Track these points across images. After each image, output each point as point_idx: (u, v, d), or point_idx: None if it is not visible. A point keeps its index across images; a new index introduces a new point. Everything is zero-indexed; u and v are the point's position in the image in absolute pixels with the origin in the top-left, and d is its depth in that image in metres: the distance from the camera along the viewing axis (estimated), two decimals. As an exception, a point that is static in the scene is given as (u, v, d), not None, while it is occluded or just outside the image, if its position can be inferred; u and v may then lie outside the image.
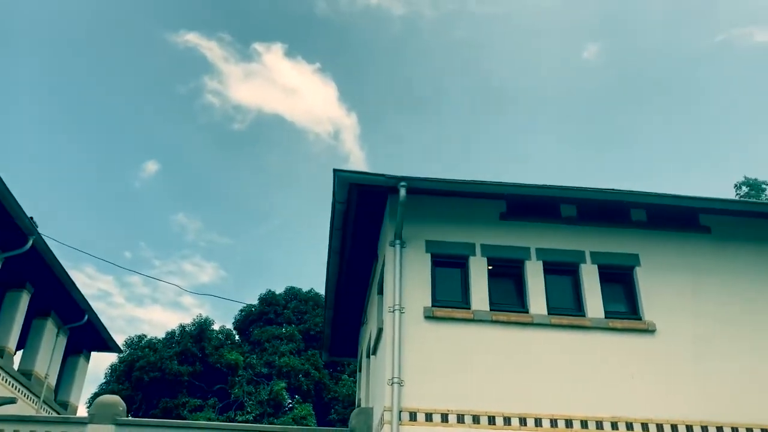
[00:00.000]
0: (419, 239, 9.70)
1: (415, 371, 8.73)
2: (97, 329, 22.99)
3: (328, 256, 11.87)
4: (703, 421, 8.73)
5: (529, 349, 9.05)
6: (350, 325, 15.21)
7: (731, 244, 10.17)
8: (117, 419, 10.51)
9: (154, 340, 31.42)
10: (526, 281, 9.62)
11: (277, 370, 29.64)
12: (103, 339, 23.97)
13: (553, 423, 8.54)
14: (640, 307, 9.55)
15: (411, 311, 9.14)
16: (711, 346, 9.28)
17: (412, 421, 8.42)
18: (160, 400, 28.55)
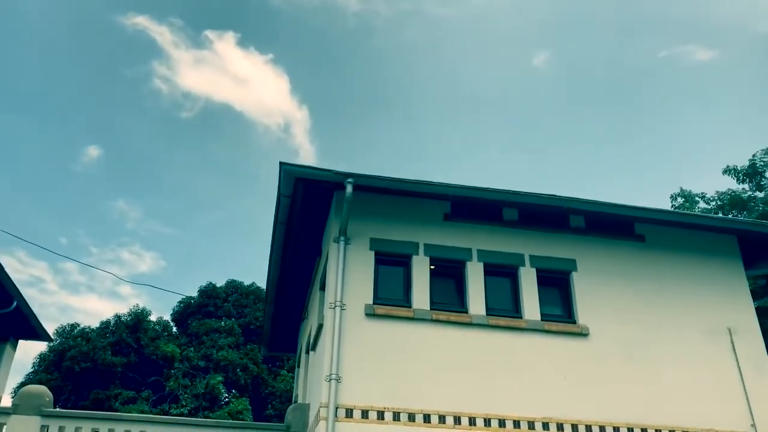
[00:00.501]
0: (364, 236, 9.71)
1: (354, 368, 8.74)
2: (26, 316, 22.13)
3: (270, 250, 11.76)
4: (630, 423, 9.04)
5: (467, 348, 9.18)
6: (291, 320, 15.12)
7: (663, 253, 10.57)
8: (42, 410, 10.14)
9: (87, 330, 30.47)
10: (466, 282, 9.75)
11: (214, 364, 29.19)
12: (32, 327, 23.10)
13: (486, 422, 8.69)
14: (575, 310, 9.82)
15: (352, 308, 9.15)
16: (639, 350, 9.63)
17: (348, 417, 8.42)
18: (91, 391, 27.71)
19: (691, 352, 9.80)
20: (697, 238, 10.83)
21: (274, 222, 10.74)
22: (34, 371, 29.22)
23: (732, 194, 24.33)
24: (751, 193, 24.61)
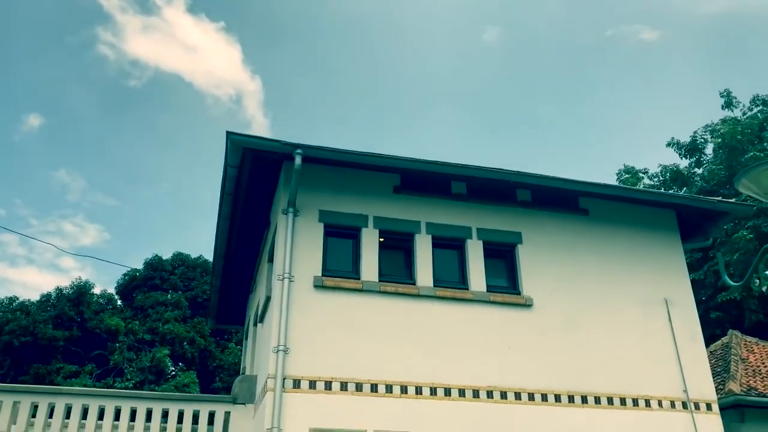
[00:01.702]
0: (313, 208, 9.66)
1: (302, 339, 8.74)
2: (-40, 289, 21.34)
3: (217, 222, 11.58)
4: (570, 391, 9.36)
5: (414, 320, 9.28)
6: (239, 293, 14.98)
7: (606, 227, 10.87)
8: (-21, 384, 9.84)
9: (27, 303, 29.59)
10: (415, 254, 9.83)
11: (160, 337, 28.80)
12: (-32, 300, 22.33)
13: (432, 391, 8.85)
14: (520, 282, 10.03)
15: (300, 280, 9.12)
16: (580, 320, 9.93)
17: (296, 388, 8.45)
18: (32, 366, 27.00)
19: (629, 322, 10.16)
20: (638, 213, 11.17)
21: (220, 193, 10.55)
22: (-30, 346, 28.23)
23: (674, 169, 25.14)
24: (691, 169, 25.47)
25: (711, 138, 24.41)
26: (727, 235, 21.07)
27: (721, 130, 23.30)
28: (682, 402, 9.76)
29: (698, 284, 20.61)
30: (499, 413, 8.93)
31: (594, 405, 9.36)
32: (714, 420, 9.82)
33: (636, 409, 9.51)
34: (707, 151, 25.13)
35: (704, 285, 21.53)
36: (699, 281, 21.01)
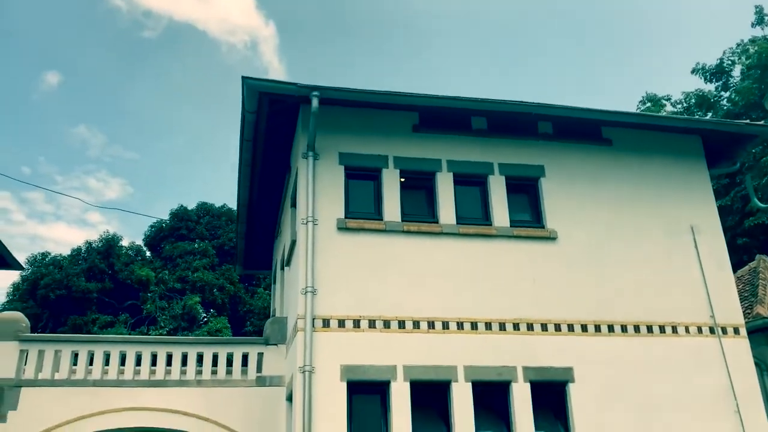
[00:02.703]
0: (332, 151, 9.62)
1: (328, 280, 8.86)
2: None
3: (239, 169, 11.62)
4: (596, 320, 9.43)
5: (438, 257, 9.34)
6: (264, 238, 15.16)
7: (630, 156, 10.70)
8: (20, 335, 10.21)
9: (59, 258, 30.28)
10: (436, 192, 9.80)
11: (190, 285, 29.42)
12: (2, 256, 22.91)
13: (459, 325, 8.98)
14: (544, 215, 9.99)
15: (324, 223, 9.18)
16: (607, 251, 9.91)
17: (325, 327, 8.62)
18: (68, 317, 27.86)
19: (655, 250, 10.12)
20: (663, 140, 10.96)
21: (240, 140, 10.55)
22: (8, 300, 29.18)
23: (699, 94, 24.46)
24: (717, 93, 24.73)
25: (740, 59, 23.59)
26: (755, 159, 20.66)
27: (753, 48, 22.44)
28: (709, 327, 9.80)
29: (725, 210, 20.37)
30: (526, 344, 9.05)
31: (621, 333, 9.44)
32: (742, 344, 9.86)
33: (663, 336, 9.58)
34: (734, 73, 24.36)
35: (731, 211, 21.27)
36: (726, 207, 20.76)
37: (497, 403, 8.87)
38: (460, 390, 8.62)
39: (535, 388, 8.90)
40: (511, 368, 8.88)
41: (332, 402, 8.21)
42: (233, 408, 10.17)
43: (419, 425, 8.42)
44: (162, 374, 10.38)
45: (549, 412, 9.00)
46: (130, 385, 10.13)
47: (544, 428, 8.79)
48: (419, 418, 8.46)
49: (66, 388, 9.99)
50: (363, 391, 8.53)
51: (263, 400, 10.29)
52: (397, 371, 8.54)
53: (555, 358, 9.07)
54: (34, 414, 9.71)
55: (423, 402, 8.60)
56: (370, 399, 8.56)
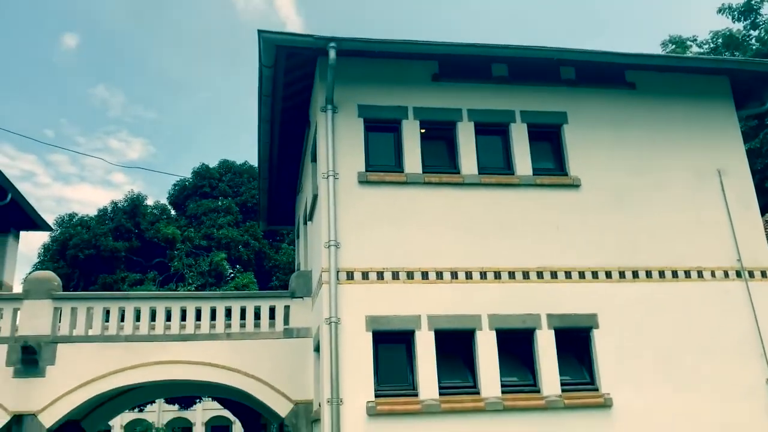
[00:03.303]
0: (351, 103, 9.55)
1: (351, 234, 8.91)
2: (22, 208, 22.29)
3: (258, 125, 11.61)
4: (622, 267, 9.40)
5: (460, 208, 9.32)
6: (286, 194, 15.25)
7: (654, 99, 10.47)
8: (53, 293, 10.48)
9: (86, 218, 30.72)
10: (457, 143, 9.72)
11: (216, 242, 29.74)
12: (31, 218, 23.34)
13: (482, 275, 9.01)
14: (567, 163, 9.88)
15: (345, 176, 9.18)
16: (632, 196, 9.80)
17: (350, 280, 8.71)
18: (98, 276, 28.44)
19: (680, 195, 9.98)
20: (689, 82, 10.69)
21: (258, 96, 10.51)
22: (40, 261, 29.82)
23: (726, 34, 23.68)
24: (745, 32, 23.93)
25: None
26: (784, 100, 20.06)
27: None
28: (736, 271, 9.71)
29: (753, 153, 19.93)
30: (550, 292, 9.08)
31: (646, 279, 9.41)
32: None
33: (689, 281, 9.52)
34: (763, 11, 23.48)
35: (760, 153, 20.80)
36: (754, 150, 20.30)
37: (521, 350, 8.96)
38: (485, 338, 8.71)
39: (559, 334, 8.96)
40: (535, 316, 8.94)
41: (358, 351, 8.36)
42: (262, 359, 10.41)
43: (444, 372, 8.56)
44: (192, 328, 10.62)
45: (573, 358, 9.07)
46: (161, 340, 10.40)
47: (568, 374, 8.89)
48: (444, 365, 8.59)
49: (100, 343, 10.29)
50: (388, 341, 8.66)
51: (291, 352, 10.51)
52: (421, 321, 8.65)
53: (579, 305, 9.09)
54: (71, 369, 10.04)
55: (448, 350, 8.72)
56: (395, 348, 8.70)
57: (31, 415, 9.73)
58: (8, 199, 20.84)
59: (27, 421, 9.70)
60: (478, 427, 8.28)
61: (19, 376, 9.92)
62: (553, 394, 8.60)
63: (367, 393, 8.20)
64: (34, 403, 9.83)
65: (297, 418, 10.16)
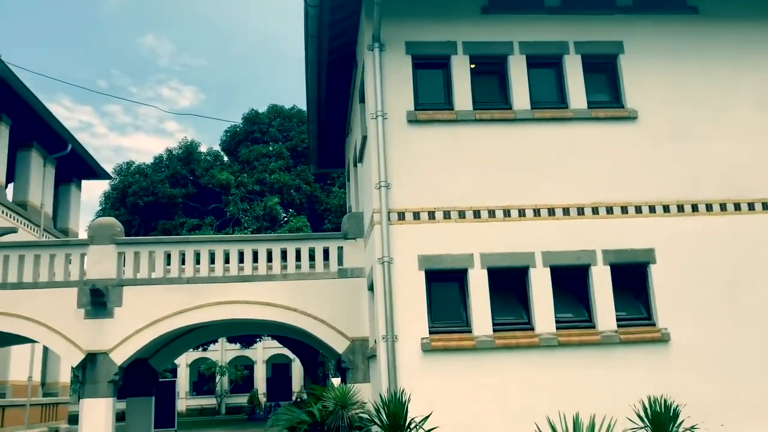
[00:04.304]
0: (398, 41, 9.37)
1: (402, 174, 8.90)
2: (82, 158, 23.08)
3: (306, 67, 11.55)
4: (681, 200, 9.13)
5: (513, 144, 9.16)
6: (335, 136, 15.26)
7: (718, 24, 9.91)
8: (116, 239, 10.89)
9: (143, 166, 31.58)
10: (509, 77, 9.47)
11: (269, 187, 30.23)
12: (91, 167, 24.15)
13: (536, 212, 8.91)
14: (623, 94, 9.53)
15: (394, 116, 9.10)
16: (691, 128, 9.43)
17: (401, 220, 8.75)
18: (158, 222, 29.40)
19: (743, 125, 9.54)
20: (757, 4, 10.06)
21: (304, 36, 10.41)
22: (102, 209, 30.96)
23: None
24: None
25: None
26: None
27: None
28: (802, 203, 9.32)
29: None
30: (606, 228, 8.92)
31: (706, 212, 9.13)
32: (838, 219, 9.37)
33: (752, 213, 9.19)
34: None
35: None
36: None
37: (576, 286, 8.91)
38: (538, 275, 8.68)
39: (615, 270, 8.85)
40: (590, 252, 8.83)
41: (411, 290, 8.46)
42: (318, 299, 10.66)
43: (498, 309, 8.60)
44: (249, 270, 10.92)
45: (629, 294, 8.98)
46: (221, 281, 10.74)
47: (624, 309, 8.81)
48: (497, 303, 8.63)
49: (163, 285, 10.70)
50: (441, 279, 8.73)
51: (346, 291, 10.73)
52: (474, 259, 8.66)
53: (636, 240, 8.93)
54: (137, 310, 10.50)
55: (501, 287, 8.75)
56: (448, 286, 8.77)
57: (103, 354, 10.29)
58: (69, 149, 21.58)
59: (100, 359, 10.27)
60: (532, 362, 8.35)
61: (90, 318, 10.45)
62: (608, 329, 8.57)
63: (421, 330, 8.34)
64: (105, 342, 10.37)
65: (354, 354, 10.45)
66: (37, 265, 10.81)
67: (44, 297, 10.54)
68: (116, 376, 10.29)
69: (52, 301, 10.51)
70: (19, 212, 19.63)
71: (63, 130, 20.79)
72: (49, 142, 21.01)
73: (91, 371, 10.25)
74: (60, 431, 20.98)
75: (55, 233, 22.06)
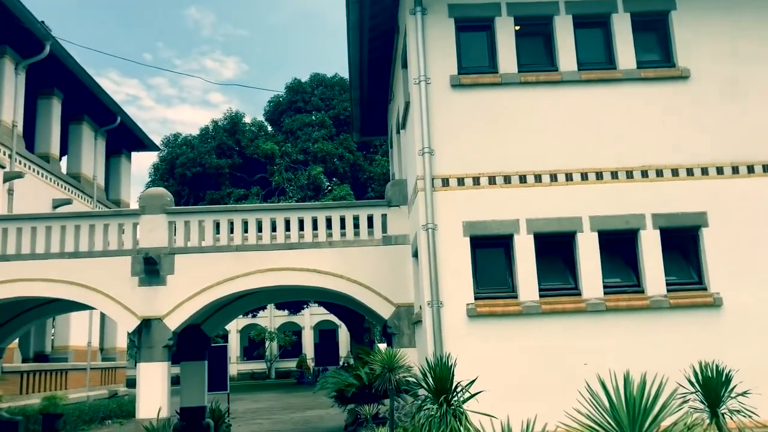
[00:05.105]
0: (441, 4, 9.23)
1: (445, 140, 8.84)
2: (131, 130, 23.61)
3: (347, 33, 11.49)
4: (734, 162, 8.84)
5: (559, 107, 8.99)
6: (378, 103, 15.18)
7: (777, -24, 9.45)
8: (166, 209, 11.16)
9: (190, 138, 32.16)
10: (555, 38, 9.25)
11: (312, 156, 30.45)
12: (139, 139, 24.70)
13: (583, 176, 8.76)
14: (674, 53, 9.21)
15: (437, 81, 9.01)
16: (746, 87, 9.07)
17: (445, 186, 8.72)
18: (206, 192, 29.99)
19: (803, 82, 9.13)
20: (819, -47, 9.54)
21: (346, 1, 10.34)
22: (151, 180, 31.73)
23: None
24: None
25: None
26: None
27: None
28: None
29: None
30: (655, 191, 8.72)
31: (762, 173, 8.80)
32: None
33: (810, 174, 8.86)
34: None
35: None
36: None
37: (624, 250, 8.78)
38: (586, 240, 8.57)
39: (665, 234, 8.67)
40: (639, 216, 8.66)
41: (456, 256, 8.47)
42: (363, 265, 10.76)
43: (544, 274, 8.55)
44: (296, 238, 11.08)
45: (680, 258, 8.80)
46: (268, 249, 10.93)
47: (674, 274, 8.65)
48: (543, 268, 8.57)
49: (212, 253, 10.95)
50: (486, 245, 8.71)
51: (390, 258, 10.79)
52: (519, 225, 8.60)
53: (687, 203, 8.71)
54: (188, 277, 10.79)
55: (547, 252, 8.68)
56: (493, 252, 8.75)
57: (157, 319, 10.64)
58: (118, 122, 22.09)
59: (154, 324, 10.63)
60: (578, 327, 8.30)
61: (144, 285, 10.78)
62: (658, 294, 8.43)
63: (466, 296, 8.36)
64: (159, 308, 10.70)
65: (399, 319, 10.56)
66: (92, 234, 11.18)
67: (100, 265, 10.92)
68: (170, 341, 10.64)
69: (107, 269, 10.88)
70: (73, 184, 20.28)
71: (112, 103, 21.27)
72: (99, 115, 21.53)
73: (147, 336, 10.62)
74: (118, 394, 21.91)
75: (108, 204, 22.74)
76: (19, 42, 16.92)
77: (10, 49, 16.92)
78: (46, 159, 18.87)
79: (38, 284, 10.85)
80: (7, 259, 10.91)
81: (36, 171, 18.24)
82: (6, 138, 16.67)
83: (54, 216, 12.34)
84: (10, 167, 16.66)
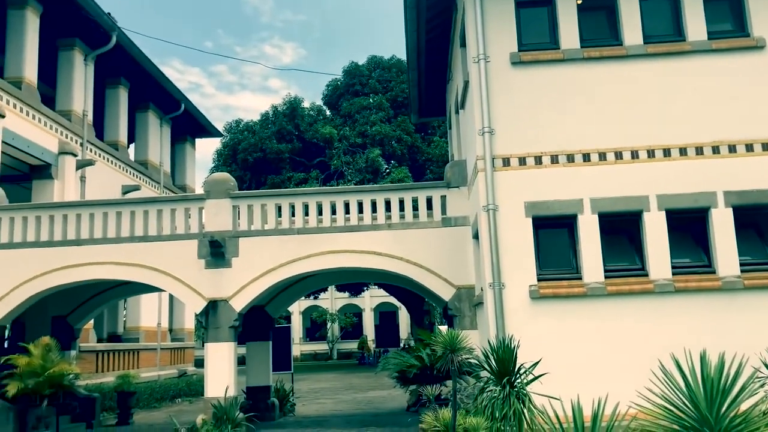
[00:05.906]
0: (499, -20, 9.02)
1: (506, 119, 8.69)
2: (195, 117, 24.19)
3: (404, 13, 11.38)
4: (814, 136, 8.38)
5: (624, 83, 8.71)
6: (436, 84, 15.04)
7: None
8: (230, 193, 11.41)
9: (251, 123, 32.69)
10: (619, 10, 8.95)
11: (370, 139, 30.49)
12: (203, 125, 25.30)
13: (650, 154, 8.47)
14: (748, 22, 8.77)
15: (497, 59, 8.85)
16: (828, 55, 8.55)
17: (506, 166, 8.58)
18: (267, 177, 30.49)
19: None
20: None
21: (403, -18, 10.24)
22: (215, 165, 32.46)
23: None
24: None
25: None
26: None
27: None
28: None
29: None
30: (727, 168, 8.36)
31: None
32: None
33: None
34: None
35: None
36: None
37: (694, 230, 8.47)
38: (653, 219, 8.30)
39: (738, 212, 8.31)
40: (710, 194, 8.32)
41: (518, 237, 8.34)
42: (423, 247, 10.74)
43: (609, 255, 8.35)
44: (355, 220, 11.15)
45: (755, 237, 8.43)
46: (329, 231, 11.04)
47: (748, 254, 8.30)
48: (608, 249, 8.37)
49: (275, 236, 11.15)
50: (548, 226, 8.55)
51: (450, 239, 10.74)
52: (583, 204, 8.40)
53: (762, 180, 8.31)
54: (252, 259, 11.03)
55: (612, 232, 8.46)
56: (556, 233, 8.59)
57: (223, 301, 10.93)
58: (182, 109, 22.66)
59: (220, 305, 10.92)
60: (646, 309, 8.07)
61: (210, 267, 11.08)
62: (731, 274, 8.11)
63: (529, 277, 8.25)
64: (225, 290, 10.99)
65: (460, 301, 10.51)
66: (159, 219, 11.54)
67: (167, 249, 11.28)
68: (236, 322, 10.92)
69: (174, 252, 11.22)
70: (141, 170, 20.98)
71: (176, 91, 21.82)
72: (163, 103, 22.15)
73: (213, 317, 10.92)
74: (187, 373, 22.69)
75: (174, 189, 23.44)
76: (87, 34, 17.54)
77: (80, 41, 17.57)
78: (115, 147, 19.57)
79: (110, 267, 11.29)
80: (80, 243, 11.40)
81: (106, 158, 18.95)
82: (77, 127, 17.36)
83: (124, 201, 12.79)
84: (81, 155, 17.36)
